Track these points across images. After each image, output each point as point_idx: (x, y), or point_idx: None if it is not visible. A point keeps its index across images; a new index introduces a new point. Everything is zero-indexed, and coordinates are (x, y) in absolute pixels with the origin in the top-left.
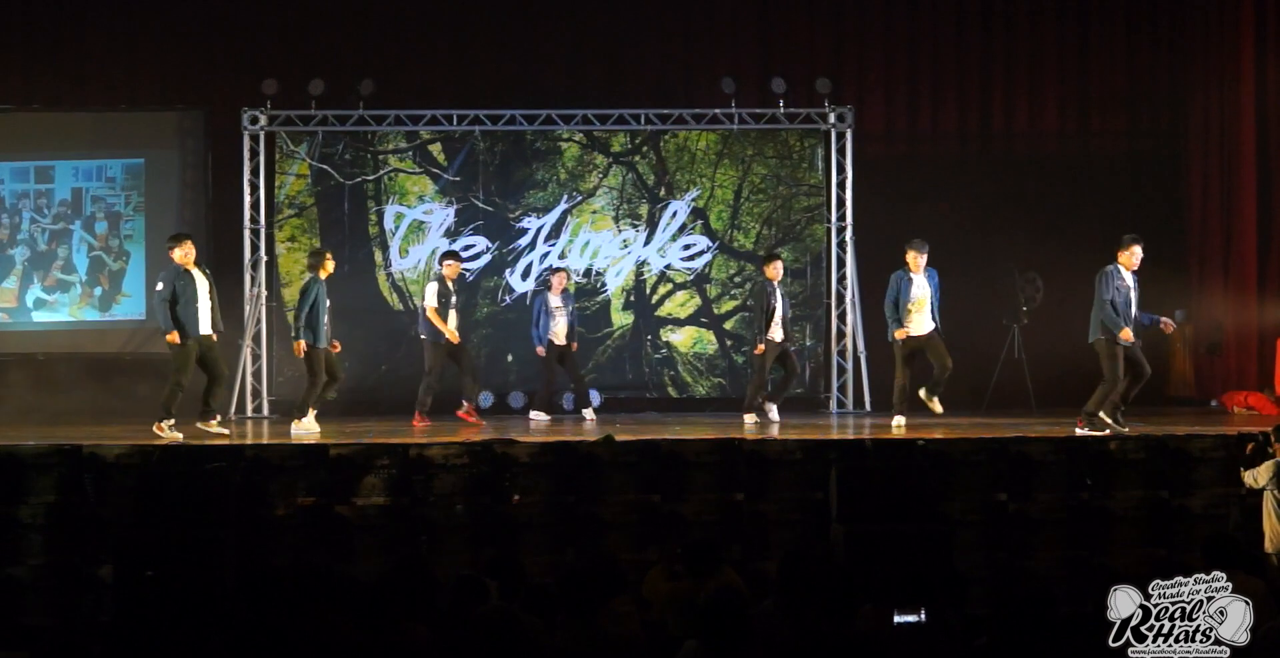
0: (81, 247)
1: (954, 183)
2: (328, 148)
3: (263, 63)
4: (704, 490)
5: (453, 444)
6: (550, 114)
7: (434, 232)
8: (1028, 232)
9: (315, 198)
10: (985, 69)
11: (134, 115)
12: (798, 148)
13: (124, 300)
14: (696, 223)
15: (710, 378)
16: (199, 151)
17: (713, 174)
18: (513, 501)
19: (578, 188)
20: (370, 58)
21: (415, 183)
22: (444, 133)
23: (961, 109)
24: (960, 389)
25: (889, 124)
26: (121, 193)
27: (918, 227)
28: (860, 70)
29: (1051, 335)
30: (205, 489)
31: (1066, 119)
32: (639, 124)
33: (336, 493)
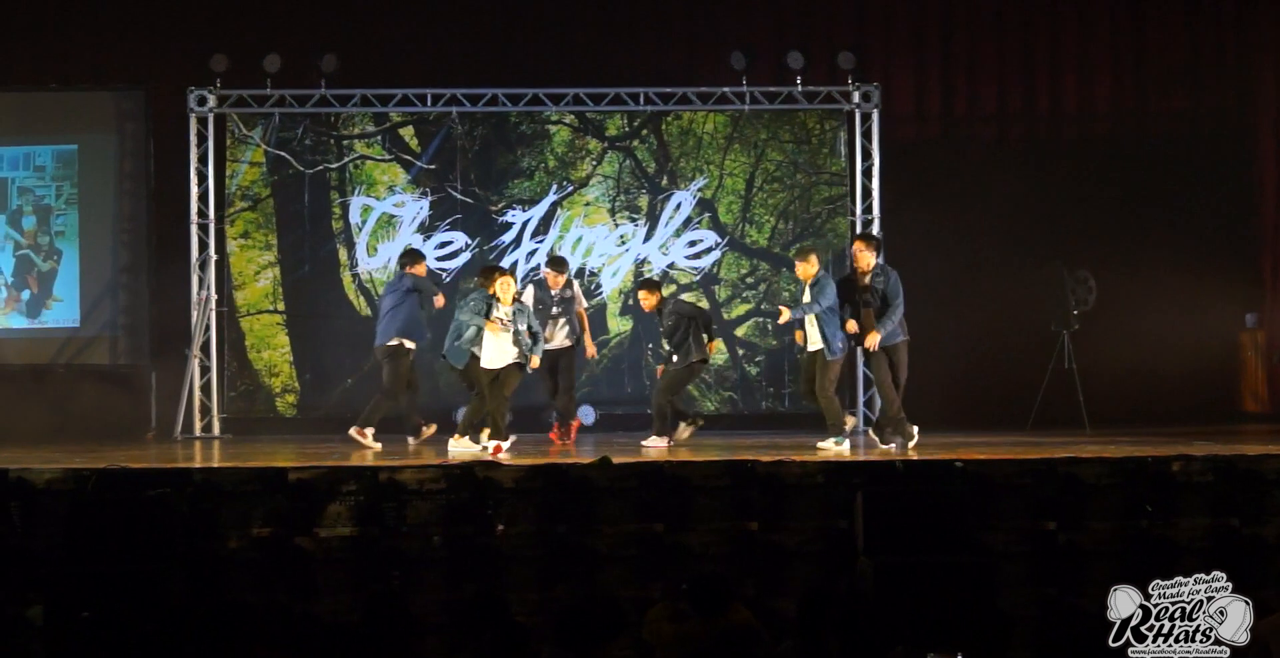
0: (7, 244)
1: (994, 171)
2: (285, 132)
3: (211, 36)
4: (713, 519)
5: (428, 467)
6: (537, 93)
7: (406, 227)
8: (1077, 226)
9: (271, 188)
10: (1028, 42)
11: (65, 95)
12: (817, 131)
13: (55, 305)
14: (703, 216)
15: (720, 392)
16: (139, 136)
17: (721, 161)
18: (497, 531)
19: (568, 177)
20: (333, 30)
21: (384, 172)
22: (417, 115)
23: (1002, 88)
24: (1003, 404)
25: (920, 104)
26: (52, 183)
27: (952, 220)
28: (887, 43)
29: (1106, 343)
30: (147, 519)
31: (1120, 99)
32: (638, 105)
33: (296, 523)
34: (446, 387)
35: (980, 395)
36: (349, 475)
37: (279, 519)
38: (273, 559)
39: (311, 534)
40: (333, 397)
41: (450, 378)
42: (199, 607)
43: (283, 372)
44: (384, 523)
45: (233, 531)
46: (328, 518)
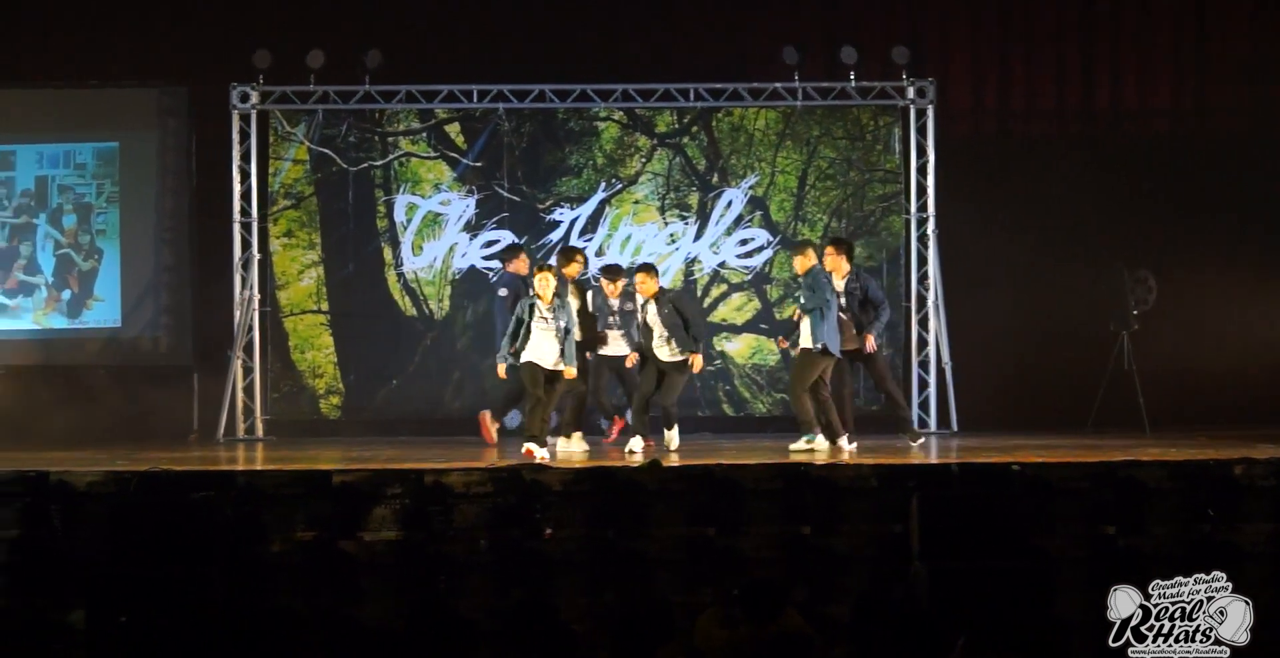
0: (47, 243)
1: (1051, 168)
2: (329, 129)
3: (254, 32)
4: (764, 523)
5: (474, 470)
6: (585, 89)
7: (451, 225)
8: (1136, 225)
9: (315, 187)
10: (1088, 36)
11: (107, 92)
12: (871, 127)
13: (96, 305)
14: (754, 214)
15: (772, 393)
16: (181, 134)
17: (773, 158)
18: (544, 535)
19: (617, 174)
20: (377, 25)
21: (430, 169)
22: (463, 111)
23: (1060, 83)
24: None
25: (976, 100)
26: (93, 181)
27: (1008, 218)
28: (943, 37)
29: (1167, 343)
30: (190, 522)
31: (1181, 94)
32: (688, 101)
33: (341, 526)
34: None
35: (1037, 397)
36: (394, 479)
37: (323, 523)
38: (316, 563)
39: (356, 538)
40: (377, 398)
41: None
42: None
43: (327, 373)
44: (430, 527)
45: (276, 534)
46: (372, 522)
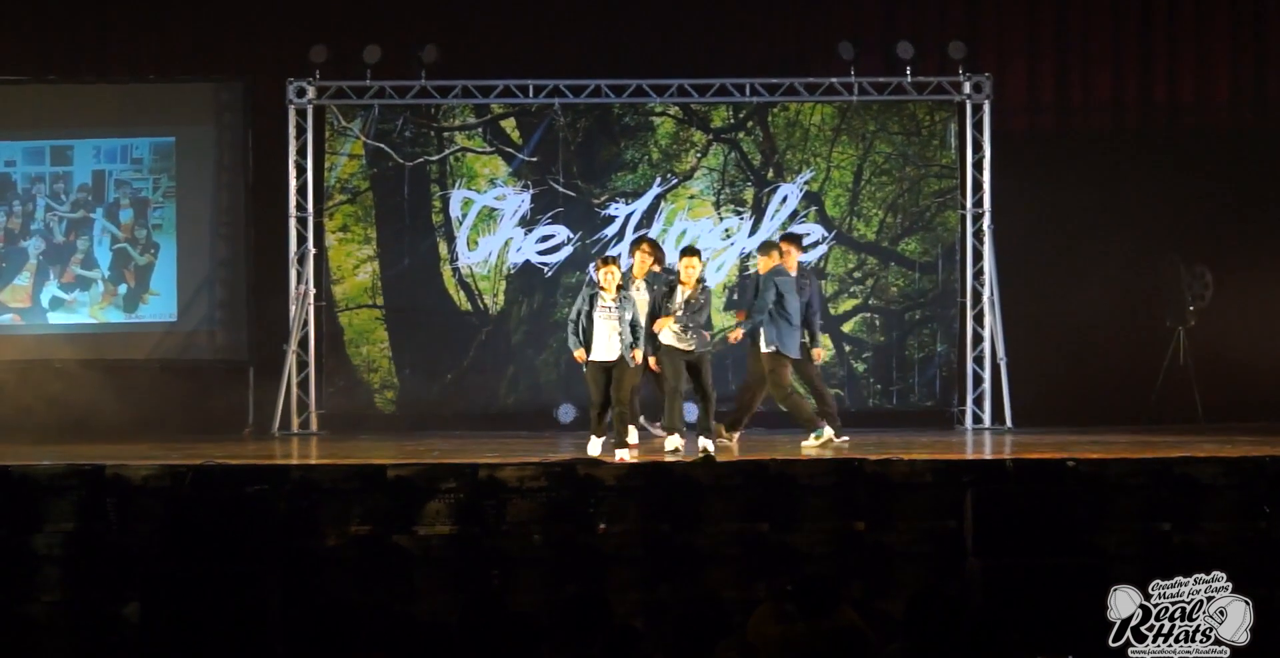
0: (104, 238)
1: (1108, 163)
2: (385, 124)
3: (311, 27)
4: (819, 518)
5: (528, 465)
6: (641, 84)
7: (507, 220)
8: (1195, 219)
9: (371, 181)
10: (1145, 29)
11: (163, 87)
12: (927, 122)
13: (152, 300)
14: (810, 209)
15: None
16: (238, 128)
17: (828, 153)
18: (598, 530)
19: (673, 169)
20: (433, 20)
21: (485, 164)
22: (518, 106)
23: (1117, 77)
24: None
25: (1033, 94)
26: (149, 176)
27: (1065, 213)
28: (1000, 32)
29: (1223, 339)
30: (245, 517)
31: (1240, 87)
32: (743, 96)
33: (395, 521)
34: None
35: (1092, 392)
36: (448, 473)
37: (377, 517)
38: (370, 558)
39: (410, 533)
40: (432, 393)
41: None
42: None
43: (381, 367)
44: (484, 521)
45: (331, 529)
46: (427, 516)
